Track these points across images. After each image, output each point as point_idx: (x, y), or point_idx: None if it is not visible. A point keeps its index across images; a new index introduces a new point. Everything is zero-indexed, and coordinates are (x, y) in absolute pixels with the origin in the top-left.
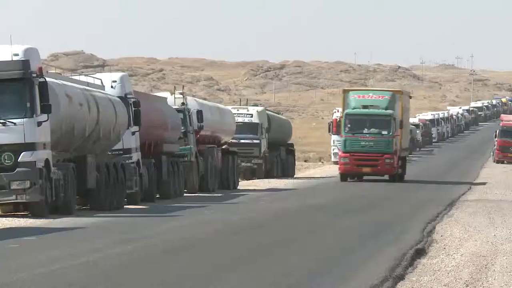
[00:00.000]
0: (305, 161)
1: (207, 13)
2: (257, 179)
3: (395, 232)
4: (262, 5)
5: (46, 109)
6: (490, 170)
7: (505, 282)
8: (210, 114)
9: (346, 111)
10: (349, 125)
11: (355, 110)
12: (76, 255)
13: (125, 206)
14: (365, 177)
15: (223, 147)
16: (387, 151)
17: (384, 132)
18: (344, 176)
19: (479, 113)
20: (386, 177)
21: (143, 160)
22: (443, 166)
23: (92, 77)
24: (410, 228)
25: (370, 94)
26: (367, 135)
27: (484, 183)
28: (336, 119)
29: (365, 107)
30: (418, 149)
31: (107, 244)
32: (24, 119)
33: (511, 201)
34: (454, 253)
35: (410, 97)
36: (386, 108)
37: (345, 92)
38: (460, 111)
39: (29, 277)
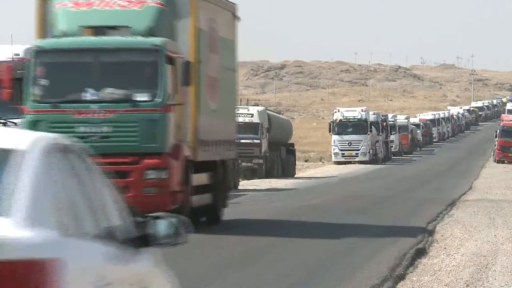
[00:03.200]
0: (306, 161)
1: None
2: (258, 179)
3: (396, 232)
4: (262, 5)
5: None
6: (491, 170)
7: (506, 282)
8: None
9: (37, 43)
10: (43, 83)
11: (61, 41)
12: None
13: None
14: None
15: None
16: (147, 148)
17: (140, 97)
18: None
19: (480, 113)
20: None
21: None
22: (444, 166)
23: None
24: (411, 228)
25: None
26: (94, 107)
27: (484, 183)
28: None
29: (91, 31)
30: (418, 149)
31: None
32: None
33: None
34: (454, 253)
35: (237, 18)
36: (147, 33)
37: None
38: (461, 111)
39: None
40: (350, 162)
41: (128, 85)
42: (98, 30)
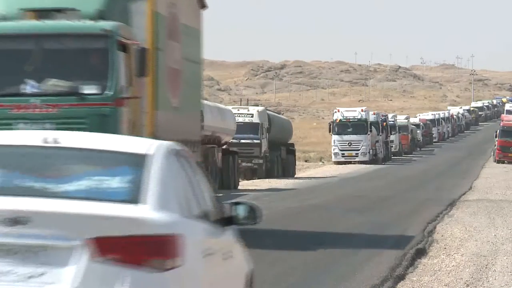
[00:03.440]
0: (306, 161)
1: (207, 13)
2: (258, 179)
3: (396, 232)
4: (262, 5)
5: None
6: (491, 170)
7: (506, 282)
8: (211, 114)
9: None
10: None
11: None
12: None
13: None
14: None
15: (224, 147)
16: None
17: (89, 89)
18: None
19: (480, 113)
20: None
21: None
22: (443, 166)
23: None
24: (411, 228)
25: None
26: (35, 101)
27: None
28: None
29: (33, 15)
30: (418, 149)
31: None
32: None
33: None
34: (454, 253)
35: (204, 5)
36: (98, 16)
37: None
38: (461, 111)
39: None
40: (350, 162)
41: (75, 75)
42: (42, 13)
